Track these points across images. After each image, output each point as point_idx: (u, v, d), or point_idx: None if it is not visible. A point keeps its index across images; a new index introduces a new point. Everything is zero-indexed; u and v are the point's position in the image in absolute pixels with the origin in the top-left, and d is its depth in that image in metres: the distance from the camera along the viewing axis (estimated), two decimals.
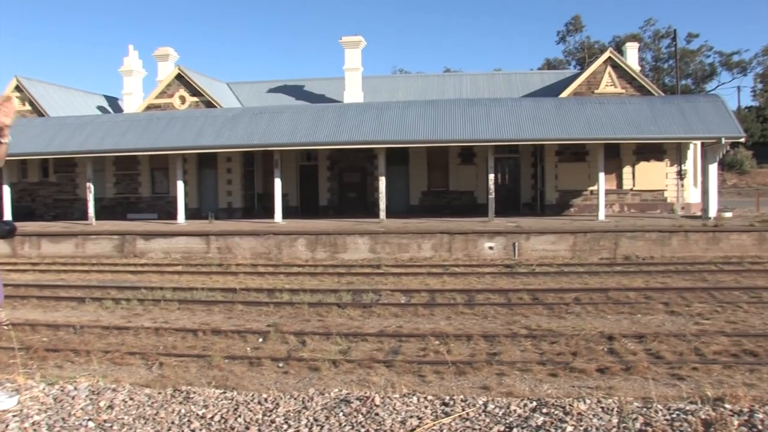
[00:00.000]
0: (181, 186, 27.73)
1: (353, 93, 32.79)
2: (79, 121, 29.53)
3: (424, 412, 3.49)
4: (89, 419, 3.36)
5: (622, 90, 29.51)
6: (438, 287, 16.86)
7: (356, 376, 9.69)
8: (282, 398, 3.64)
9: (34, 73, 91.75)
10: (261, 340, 11.88)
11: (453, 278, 18.44)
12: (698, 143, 27.92)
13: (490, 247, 22.23)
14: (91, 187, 28.08)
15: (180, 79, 32.48)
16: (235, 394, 4.04)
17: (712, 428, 3.87)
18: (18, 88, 33.62)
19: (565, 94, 29.78)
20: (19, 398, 3.62)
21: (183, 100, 32.36)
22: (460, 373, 9.71)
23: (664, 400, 6.57)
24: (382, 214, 25.83)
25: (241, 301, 15.27)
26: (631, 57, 32.79)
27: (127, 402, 3.62)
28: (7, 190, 28.37)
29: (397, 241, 22.73)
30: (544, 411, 3.96)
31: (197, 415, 3.40)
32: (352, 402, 3.56)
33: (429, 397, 3.72)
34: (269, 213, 28.15)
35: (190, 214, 29.35)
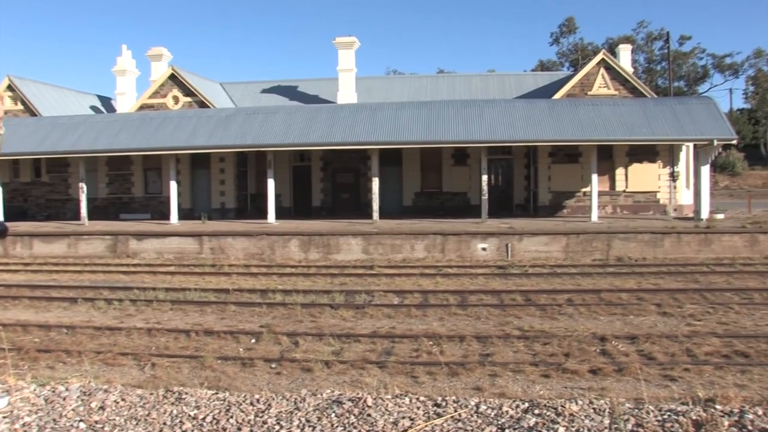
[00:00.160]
0: (174, 186, 27.66)
1: (347, 94, 32.78)
2: (71, 120, 29.41)
3: (416, 413, 3.49)
4: (80, 420, 3.35)
5: (615, 92, 29.60)
6: (431, 288, 16.87)
7: (349, 377, 9.69)
8: (274, 399, 3.64)
9: (26, 73, 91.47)
10: (254, 341, 11.86)
11: (446, 279, 18.45)
12: (690, 145, 28.04)
13: (483, 248, 22.26)
14: (84, 187, 27.99)
15: (173, 79, 32.40)
16: (228, 394, 4.04)
17: (702, 429, 3.89)
18: (10, 88, 33.48)
19: (558, 96, 29.86)
20: (10, 399, 3.61)
21: (176, 100, 32.28)
22: (453, 374, 9.71)
23: (655, 401, 6.60)
24: (376, 215, 25.83)
25: (233, 302, 15.24)
26: (624, 59, 32.89)
27: (118, 403, 3.61)
28: None
29: (390, 242, 22.73)
30: (536, 412, 3.98)
31: (189, 415, 3.39)
32: (345, 403, 3.56)
33: (421, 398, 3.73)
34: (262, 213, 28.12)
35: (183, 215, 29.27)
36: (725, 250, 21.73)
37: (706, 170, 25.29)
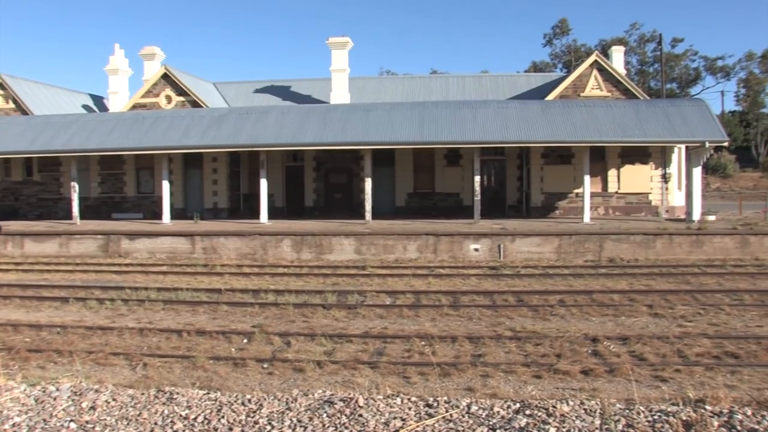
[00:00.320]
0: (166, 186, 27.59)
1: (340, 94, 32.77)
2: (64, 119, 29.27)
3: (407, 414, 3.50)
4: (71, 420, 3.33)
5: (608, 93, 29.71)
6: (423, 289, 16.88)
7: (341, 378, 9.69)
8: (266, 399, 3.64)
9: (18, 71, 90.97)
10: (246, 341, 11.84)
11: (438, 280, 18.47)
12: (683, 147, 28.16)
13: (476, 249, 22.29)
14: (76, 186, 27.87)
15: (166, 78, 32.32)
16: (219, 395, 4.03)
17: (692, 429, 3.91)
18: (2, 86, 33.33)
19: (551, 97, 29.93)
20: (0, 399, 3.60)
21: (169, 99, 32.20)
22: (445, 374, 9.72)
23: (646, 401, 6.63)
24: (368, 216, 25.84)
25: (226, 302, 15.21)
26: (617, 61, 33.01)
27: (110, 403, 3.60)
28: None
29: (383, 243, 22.74)
30: (528, 413, 3.99)
31: (180, 416, 3.39)
32: (336, 403, 3.56)
33: (413, 399, 3.74)
34: (255, 213, 28.08)
35: (176, 214, 29.21)
36: (716, 251, 21.84)
37: (697, 172, 25.42)
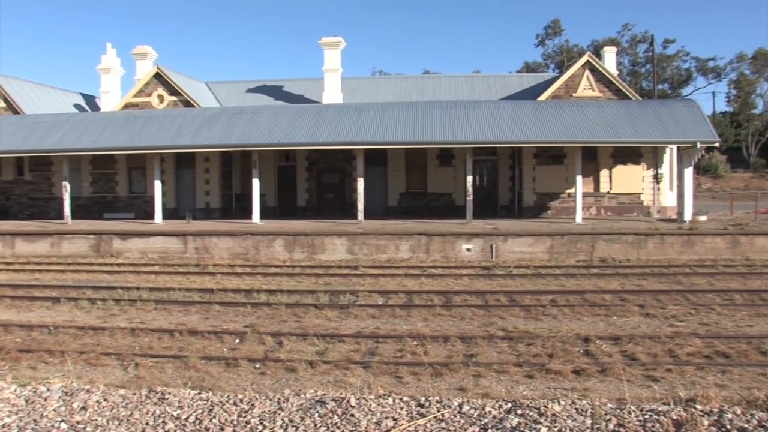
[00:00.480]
0: (158, 185, 27.51)
1: (332, 94, 32.77)
2: (55, 119, 29.14)
3: (399, 413, 3.50)
4: (62, 420, 3.32)
5: (600, 94, 29.81)
6: (415, 289, 16.89)
7: (333, 377, 9.69)
8: (258, 399, 3.63)
9: (9, 70, 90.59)
10: (238, 341, 11.83)
11: (430, 280, 18.48)
12: (674, 147, 28.27)
13: (468, 249, 22.32)
14: (67, 185, 27.75)
15: (158, 78, 32.22)
16: (211, 395, 4.03)
17: (683, 428, 3.93)
18: None
19: (543, 97, 30.01)
20: None
21: (161, 99, 32.10)
22: (437, 374, 9.74)
23: (637, 401, 6.66)
24: (360, 215, 25.84)
25: (218, 302, 15.18)
26: (609, 61, 33.13)
27: (101, 403, 3.59)
28: None
29: (375, 243, 22.74)
30: (519, 412, 4.00)
31: (172, 416, 3.38)
32: (328, 403, 3.56)
33: (405, 398, 3.74)
34: (247, 213, 28.04)
35: (168, 214, 29.13)
36: (707, 251, 21.95)
37: (689, 172, 25.54)
